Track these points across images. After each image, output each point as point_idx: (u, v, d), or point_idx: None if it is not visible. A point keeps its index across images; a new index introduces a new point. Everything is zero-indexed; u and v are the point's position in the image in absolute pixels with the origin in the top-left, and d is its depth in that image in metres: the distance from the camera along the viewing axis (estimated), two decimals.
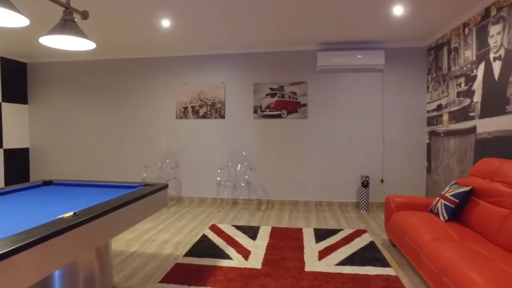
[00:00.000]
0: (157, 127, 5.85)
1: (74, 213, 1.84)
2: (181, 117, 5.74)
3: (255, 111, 5.52)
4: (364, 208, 5.06)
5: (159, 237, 3.79)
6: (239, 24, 4.28)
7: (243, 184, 5.53)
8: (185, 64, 5.72)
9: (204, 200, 5.69)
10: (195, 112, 5.70)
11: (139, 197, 2.41)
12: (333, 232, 3.95)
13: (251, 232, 3.96)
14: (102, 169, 6.08)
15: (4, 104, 5.98)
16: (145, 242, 3.63)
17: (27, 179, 6.43)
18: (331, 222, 4.45)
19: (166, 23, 4.20)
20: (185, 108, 5.73)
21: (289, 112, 5.44)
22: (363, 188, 5.05)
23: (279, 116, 5.46)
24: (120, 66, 5.95)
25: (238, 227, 4.15)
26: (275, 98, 5.47)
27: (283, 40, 5.03)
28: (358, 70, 5.28)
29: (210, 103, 5.64)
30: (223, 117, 5.61)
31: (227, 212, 5.02)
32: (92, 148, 6.12)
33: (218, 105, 5.62)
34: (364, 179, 5.04)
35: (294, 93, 5.42)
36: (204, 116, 5.66)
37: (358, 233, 3.88)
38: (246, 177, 5.52)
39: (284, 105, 5.45)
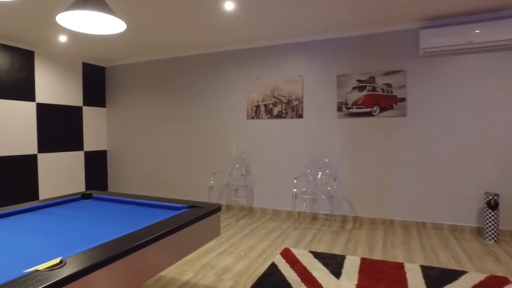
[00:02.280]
0: (227, 129, 5.29)
1: (61, 261, 1.23)
2: (252, 117, 5.08)
3: (340, 109, 4.56)
4: (492, 238, 3.72)
5: (219, 262, 3.14)
6: (317, 3, 3.41)
7: (324, 197, 4.63)
8: (256, 57, 5.04)
9: (278, 213, 4.94)
10: (268, 111, 4.98)
11: (179, 227, 1.75)
12: (452, 275, 2.81)
13: (334, 264, 3.06)
14: (171, 172, 5.77)
15: (85, 108, 6.09)
16: (203, 268, 3.01)
17: (105, 181, 6.50)
18: (444, 256, 3.28)
19: (229, 5, 3.55)
20: (257, 107, 5.06)
21: (382, 109, 4.36)
22: (490, 210, 3.72)
23: (369, 114, 4.41)
24: (189, 63, 5.56)
25: (317, 255, 3.28)
26: (364, 92, 4.43)
27: (373, 19, 3.99)
28: (480, 50, 3.95)
29: (285, 101, 4.87)
30: (300, 116, 4.78)
31: (304, 230, 4.19)
32: (162, 150, 5.86)
33: (295, 103, 4.81)
34: (490, 197, 3.71)
35: (389, 85, 4.32)
36: (279, 116, 4.91)
37: (495, 283, 2.68)
38: (328, 188, 4.59)
39: (375, 100, 4.39)
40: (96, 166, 6.32)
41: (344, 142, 4.54)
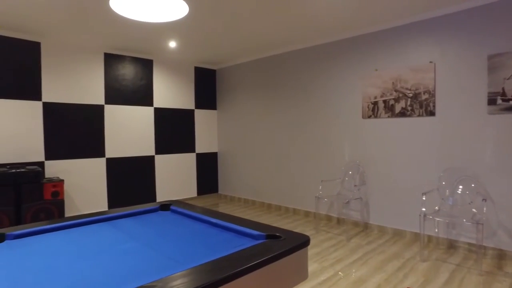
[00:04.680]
0: (338, 131, 4.58)
1: None
2: (369, 116, 4.25)
3: (492, 102, 3.34)
4: None
5: None
6: None
7: (466, 222, 3.47)
8: (372, 44, 4.18)
9: (401, 233, 3.97)
10: (389, 109, 4.07)
11: (250, 268, 1.26)
12: None
13: None
14: (278, 177, 5.37)
15: (196, 111, 6.25)
16: None
17: (215, 183, 6.56)
18: None
19: None
20: (375, 103, 4.19)
21: None
22: None
23: None
24: (294, 59, 5.05)
25: None
26: None
27: None
28: None
29: (411, 95, 3.88)
30: (431, 113, 3.72)
31: (436, 263, 3.18)
32: (269, 153, 5.51)
33: (424, 97, 3.78)
34: None
35: None
36: (403, 114, 3.95)
37: None
38: (474, 210, 3.42)
39: None
40: (207, 168, 6.44)
41: (498, 147, 3.29)
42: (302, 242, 1.59)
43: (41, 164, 4.52)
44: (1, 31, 4.21)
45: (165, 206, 2.40)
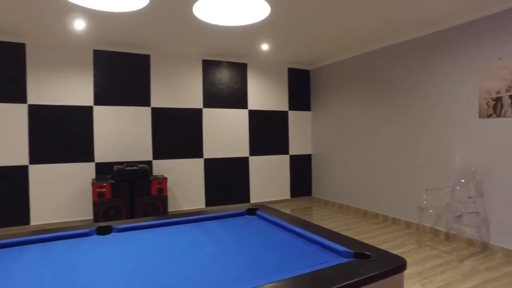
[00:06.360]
0: (447, 132, 3.97)
1: None
2: (489, 115, 3.57)
3: None
4: None
5: None
6: None
7: None
8: (494, 28, 3.49)
9: None
10: None
11: None
12: None
13: None
14: (375, 183, 4.95)
15: (290, 112, 6.21)
16: None
17: (309, 186, 6.41)
18: None
19: None
20: (497, 100, 3.50)
21: None
22: None
23: None
24: (394, 54, 4.57)
25: None
26: None
27: None
28: None
29: None
30: None
31: None
32: (366, 156, 5.12)
33: None
34: None
35: None
36: None
37: None
38: None
39: None
40: (301, 170, 6.33)
41: None
42: (397, 266, 1.36)
43: (149, 163, 5.06)
44: (117, 48, 4.84)
45: (252, 211, 2.38)
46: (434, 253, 3.52)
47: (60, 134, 4.59)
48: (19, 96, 4.37)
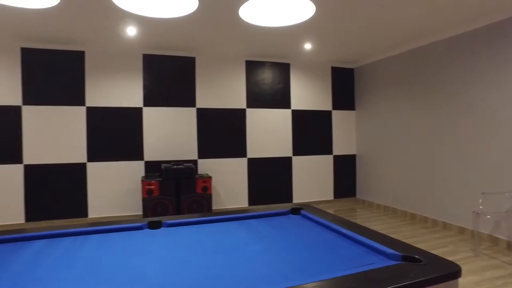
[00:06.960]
0: (506, 129, 3.67)
1: None
2: None
3: None
4: None
5: None
6: None
7: None
8: None
9: None
10: None
11: None
12: None
13: None
14: (423, 184, 4.71)
15: (334, 112, 6.10)
16: None
17: (353, 187, 6.25)
18: None
19: None
20: None
21: None
22: None
23: None
24: (444, 50, 4.30)
25: None
26: None
27: None
28: None
29: None
30: None
31: None
32: (414, 157, 4.89)
33: None
34: None
35: None
36: None
37: None
38: None
39: None
40: (345, 171, 6.20)
41: None
42: (451, 272, 1.30)
43: (194, 162, 5.24)
44: (164, 51, 5.07)
45: (296, 210, 2.39)
46: (493, 263, 3.28)
47: (114, 134, 4.91)
48: (79, 99, 4.75)
